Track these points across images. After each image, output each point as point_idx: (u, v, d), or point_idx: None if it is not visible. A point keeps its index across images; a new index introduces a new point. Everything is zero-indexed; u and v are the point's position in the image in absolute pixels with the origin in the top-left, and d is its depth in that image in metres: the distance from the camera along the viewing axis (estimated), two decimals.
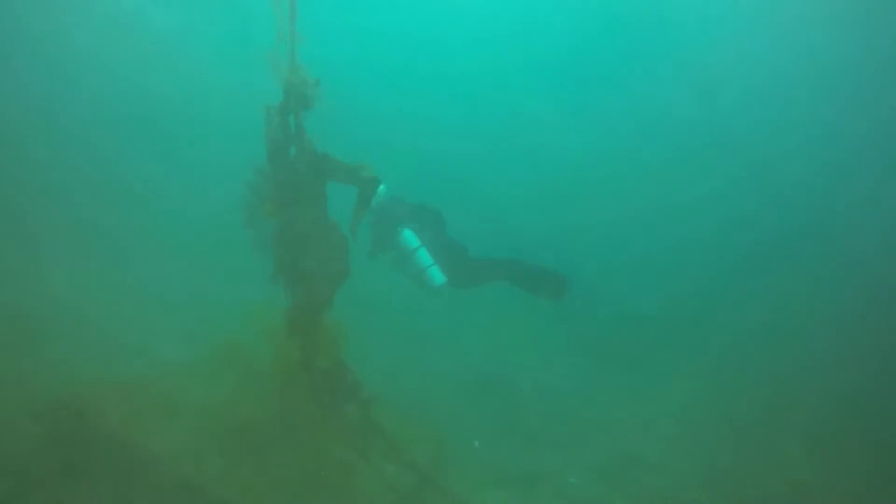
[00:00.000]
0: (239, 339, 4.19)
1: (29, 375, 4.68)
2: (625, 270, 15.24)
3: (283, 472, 3.88)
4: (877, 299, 12.95)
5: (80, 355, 5.18)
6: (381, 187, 6.08)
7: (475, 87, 23.92)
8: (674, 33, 21.29)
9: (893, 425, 7.81)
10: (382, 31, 21.72)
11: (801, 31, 19.52)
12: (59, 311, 6.11)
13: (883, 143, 18.61)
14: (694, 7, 20.17)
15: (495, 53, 23.71)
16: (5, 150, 9.79)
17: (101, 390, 4.10)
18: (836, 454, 7.20)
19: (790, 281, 15.23)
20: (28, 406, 4.21)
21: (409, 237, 5.95)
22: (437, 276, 5.95)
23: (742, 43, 20.74)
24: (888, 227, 16.73)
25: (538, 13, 22.22)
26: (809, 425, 8.03)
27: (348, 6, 19.62)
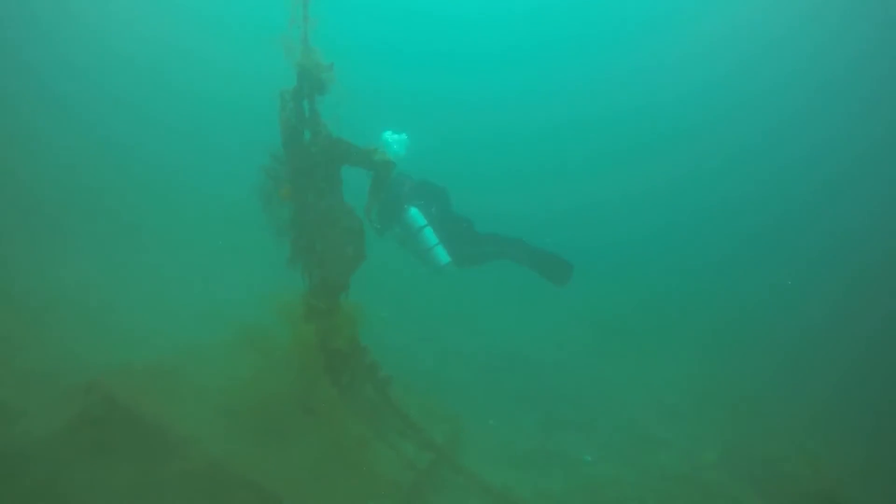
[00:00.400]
0: (258, 323, 4.25)
1: (57, 361, 4.82)
2: (637, 251, 15.19)
3: (304, 452, 3.97)
4: (865, 280, 12.99)
5: (106, 341, 5.31)
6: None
7: (483, 68, 23.87)
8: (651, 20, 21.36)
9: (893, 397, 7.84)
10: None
11: (774, 21, 19.42)
12: (84, 299, 6.25)
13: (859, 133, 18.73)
14: None
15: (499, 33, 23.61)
16: (20, 141, 9.92)
17: (126, 374, 4.20)
18: (845, 427, 7.21)
19: (789, 260, 15.23)
20: (58, 391, 4.35)
21: (416, 215, 5.90)
22: (443, 255, 5.92)
23: (713, 30, 20.72)
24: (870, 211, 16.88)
25: None
26: (816, 400, 8.06)
27: None
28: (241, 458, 3.78)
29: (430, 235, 5.91)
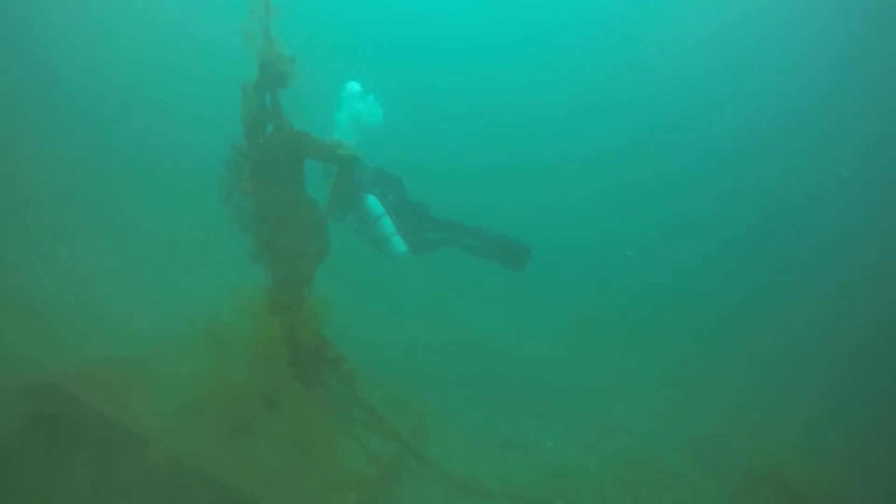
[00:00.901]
0: (221, 318, 4.21)
1: (13, 355, 4.70)
2: (607, 246, 15.44)
3: (268, 447, 3.97)
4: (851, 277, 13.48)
5: (64, 335, 5.19)
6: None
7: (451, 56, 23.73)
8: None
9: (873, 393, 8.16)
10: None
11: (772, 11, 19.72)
12: (42, 292, 6.08)
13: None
14: None
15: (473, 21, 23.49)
16: None
17: (84, 372, 4.12)
18: (816, 426, 7.48)
19: (770, 258, 15.66)
20: (13, 385, 4.24)
21: (374, 204, 5.84)
22: (400, 244, 5.93)
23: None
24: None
25: None
26: (785, 395, 8.34)
27: None
28: (204, 454, 3.76)
29: (388, 224, 5.88)
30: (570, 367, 8.57)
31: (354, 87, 6.00)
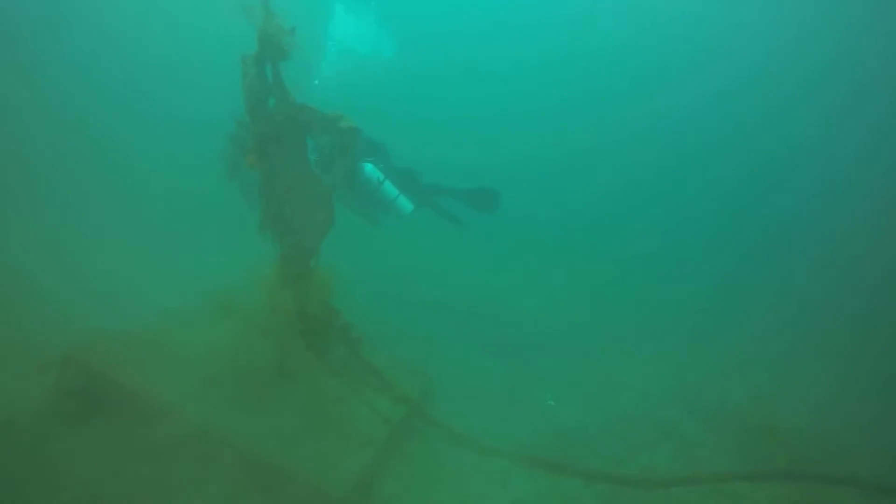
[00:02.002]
0: (233, 289, 4.33)
1: (34, 330, 4.82)
2: (618, 213, 15.51)
3: (284, 413, 4.13)
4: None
5: (82, 308, 5.31)
6: None
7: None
8: None
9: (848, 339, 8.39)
10: None
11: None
12: (59, 266, 6.18)
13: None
14: None
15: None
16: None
17: (103, 344, 4.25)
18: (795, 369, 7.74)
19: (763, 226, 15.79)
20: (35, 360, 4.38)
21: (373, 171, 5.97)
22: (406, 203, 6.12)
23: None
24: None
25: None
26: (770, 342, 8.59)
27: None
28: (222, 422, 3.92)
29: (390, 187, 6.05)
30: (572, 328, 8.77)
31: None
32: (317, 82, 7.63)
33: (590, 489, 4.74)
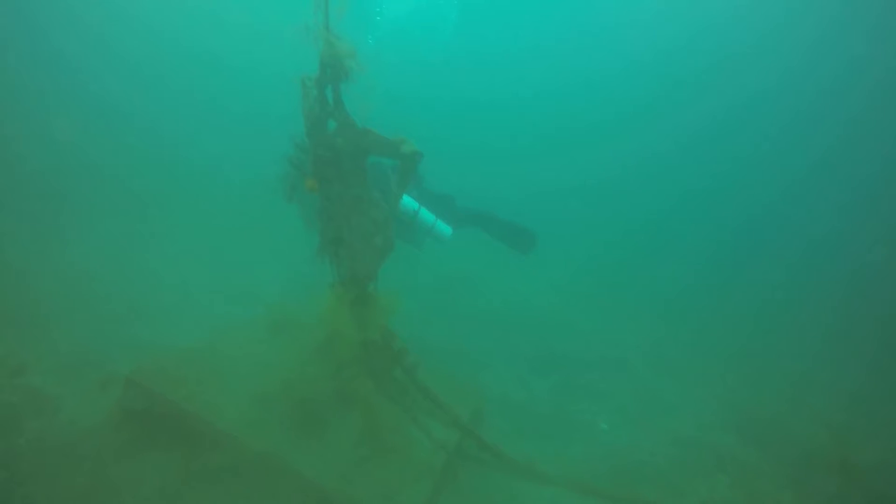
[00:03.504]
0: (291, 313, 4.32)
1: (90, 348, 4.88)
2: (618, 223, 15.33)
3: (342, 440, 4.10)
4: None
5: (142, 322, 5.37)
6: None
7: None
8: None
9: None
10: None
11: None
12: (120, 279, 6.27)
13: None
14: None
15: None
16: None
17: (164, 361, 4.28)
18: (863, 397, 7.43)
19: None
20: (93, 379, 4.43)
21: (408, 200, 5.91)
22: (445, 228, 6.05)
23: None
24: None
25: None
26: (826, 363, 8.29)
27: None
28: (282, 449, 3.90)
29: (427, 214, 5.99)
30: (616, 347, 8.61)
31: None
32: (371, 41, 7.55)
33: None
